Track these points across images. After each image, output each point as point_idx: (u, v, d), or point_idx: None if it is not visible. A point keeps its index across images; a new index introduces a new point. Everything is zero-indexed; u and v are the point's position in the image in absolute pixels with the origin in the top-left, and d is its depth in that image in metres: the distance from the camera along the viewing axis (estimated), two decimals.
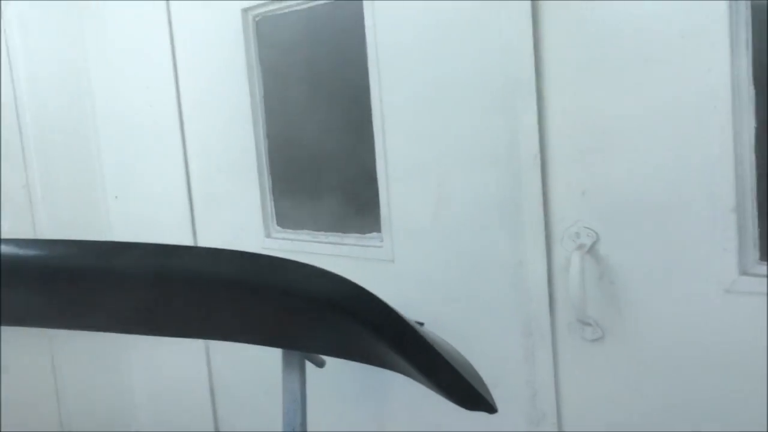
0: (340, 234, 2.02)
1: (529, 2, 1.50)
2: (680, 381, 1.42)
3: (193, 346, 2.48)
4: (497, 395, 1.69)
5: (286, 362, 0.90)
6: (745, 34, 1.28)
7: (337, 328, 0.77)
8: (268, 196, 2.20)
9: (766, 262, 1.30)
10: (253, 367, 2.34)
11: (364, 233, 1.96)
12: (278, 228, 2.20)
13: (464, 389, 0.76)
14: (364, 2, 1.81)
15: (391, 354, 0.74)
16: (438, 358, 0.73)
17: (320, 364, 0.99)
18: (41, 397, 2.60)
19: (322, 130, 2.08)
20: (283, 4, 2.03)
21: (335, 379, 1.95)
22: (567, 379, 1.59)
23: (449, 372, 0.74)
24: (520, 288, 1.62)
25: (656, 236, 1.41)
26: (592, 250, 1.50)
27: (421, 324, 0.95)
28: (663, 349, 1.43)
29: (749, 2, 1.27)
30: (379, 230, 1.91)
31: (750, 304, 1.30)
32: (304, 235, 2.12)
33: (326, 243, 2.04)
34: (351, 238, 2.00)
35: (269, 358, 1.57)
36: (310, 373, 1.23)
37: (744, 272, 1.31)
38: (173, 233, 2.47)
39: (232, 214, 2.29)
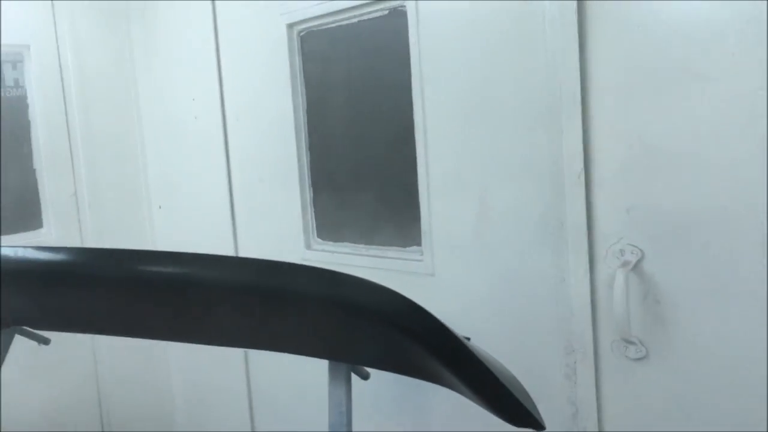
0: (380, 247, 2.04)
1: (575, 18, 1.50)
2: (725, 402, 1.39)
3: (232, 351, 2.51)
4: (540, 413, 1.69)
5: (333, 374, 0.91)
6: None
7: (389, 341, 0.78)
8: (309, 208, 2.23)
9: None
10: (291, 373, 2.36)
11: (405, 247, 1.97)
12: (318, 240, 2.22)
13: (513, 406, 0.76)
14: (409, 18, 1.83)
15: (440, 369, 0.75)
16: (488, 374, 0.73)
17: (365, 377, 1.00)
18: (83, 399, 2.65)
19: (363, 143, 2.10)
20: (329, 19, 2.06)
21: (377, 391, 1.96)
22: (609, 397, 1.57)
23: (498, 388, 0.75)
24: (562, 304, 1.61)
25: (702, 255, 1.39)
26: (636, 268, 1.48)
27: (468, 339, 0.95)
28: (708, 370, 1.41)
29: None
30: (419, 244, 1.91)
31: None
32: (344, 247, 2.14)
33: (366, 255, 2.06)
34: (391, 251, 2.01)
35: (306, 365, 1.58)
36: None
37: None
38: (215, 242, 2.51)
39: (273, 224, 2.32)
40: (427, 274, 1.89)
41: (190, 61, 2.51)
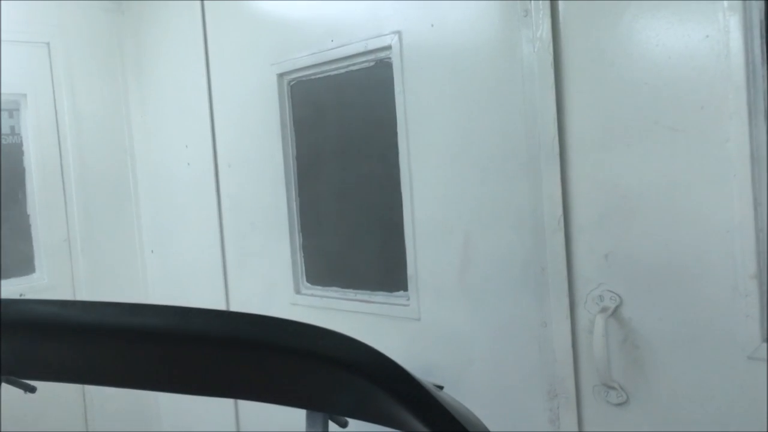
0: (367, 292, 2.06)
1: (552, 71, 1.56)
2: None
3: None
4: None
5: (310, 422, 0.93)
6: (763, 105, 1.31)
7: (360, 392, 0.81)
8: (299, 253, 2.26)
9: None
10: (280, 417, 2.35)
11: (392, 291, 2.00)
12: (308, 284, 2.25)
13: None
14: (394, 69, 1.89)
15: (409, 418, 0.77)
16: (453, 422, 0.76)
17: (343, 425, 1.02)
18: None
19: (351, 190, 2.15)
20: (318, 69, 2.12)
21: None
22: None
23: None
24: (544, 349, 1.64)
25: (679, 301, 1.42)
26: (615, 313, 1.51)
27: (441, 387, 0.98)
28: (688, 414, 1.43)
29: (766, 75, 1.31)
30: (406, 289, 1.94)
31: None
32: (332, 291, 2.16)
33: (354, 300, 2.08)
34: (379, 296, 2.03)
35: (295, 412, 1.59)
36: None
37: (767, 339, 1.31)
38: (206, 287, 2.54)
39: (264, 270, 2.35)
40: (413, 319, 1.91)
41: (183, 109, 2.57)
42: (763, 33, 1.31)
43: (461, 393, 1.79)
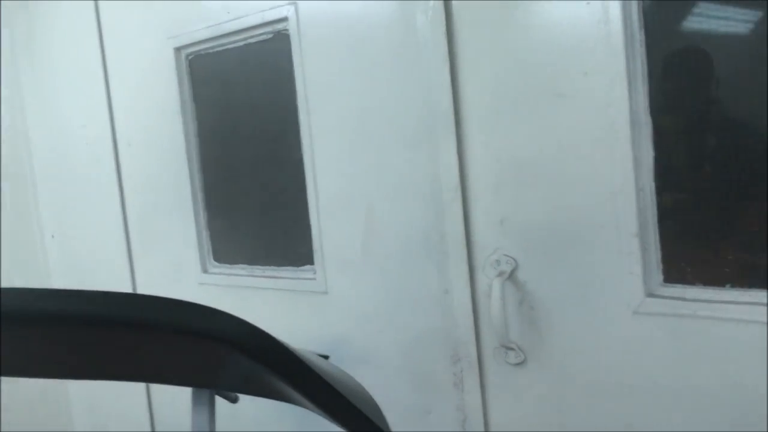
0: (275, 267, 2.05)
1: (445, 41, 1.57)
2: (598, 400, 1.47)
3: (133, 383, 2.45)
4: (431, 422, 1.74)
5: (195, 399, 0.92)
6: (641, 70, 1.36)
7: (241, 366, 0.80)
8: (204, 232, 2.22)
9: (669, 284, 1.37)
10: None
11: (299, 266, 1.99)
12: (215, 263, 2.21)
13: (357, 418, 0.79)
14: (292, 41, 1.86)
15: (288, 388, 0.77)
16: (330, 390, 0.76)
17: (233, 400, 1.01)
18: None
19: (255, 165, 2.12)
20: (215, 42, 2.07)
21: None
22: (494, 402, 1.63)
23: (343, 403, 0.78)
24: (447, 315, 1.67)
25: (569, 262, 1.47)
26: (512, 277, 1.55)
27: (326, 357, 0.98)
28: (580, 370, 1.49)
29: (644, 40, 1.36)
30: (312, 263, 1.94)
31: (656, 325, 1.37)
32: (239, 269, 2.14)
33: (262, 277, 2.06)
34: (286, 271, 2.02)
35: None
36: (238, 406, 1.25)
37: (650, 294, 1.38)
38: (111, 270, 2.46)
39: (169, 250, 2.29)
40: (320, 293, 1.91)
41: (78, 87, 2.46)
42: None
43: (370, 363, 1.82)
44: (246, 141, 2.13)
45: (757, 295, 1.27)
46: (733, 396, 1.30)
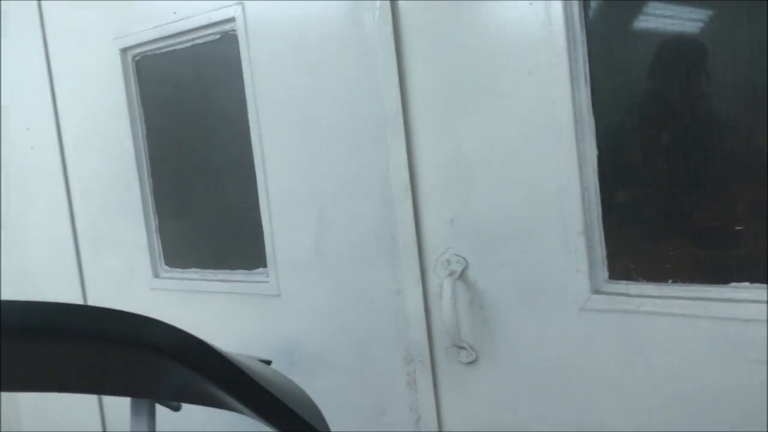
0: (227, 271, 2.02)
1: (393, 41, 1.56)
2: (548, 396, 1.49)
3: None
4: (385, 422, 1.73)
5: (134, 409, 0.90)
6: (583, 69, 1.38)
7: (178, 375, 0.78)
8: (156, 236, 2.18)
9: (614, 281, 1.39)
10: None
11: (251, 269, 1.97)
12: (167, 268, 2.18)
13: (295, 423, 0.78)
14: (240, 41, 1.84)
15: (224, 395, 0.76)
16: (264, 394, 0.75)
17: (175, 408, 0.99)
18: None
19: (206, 168, 2.09)
20: (162, 44, 2.03)
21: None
22: (447, 401, 1.64)
23: (278, 407, 0.77)
24: (400, 316, 1.67)
25: (518, 260, 1.48)
26: (462, 276, 1.56)
27: (268, 362, 0.97)
28: (531, 367, 1.50)
29: (585, 39, 1.37)
30: (265, 265, 1.92)
31: (602, 321, 1.39)
32: (192, 273, 2.10)
33: (214, 280, 2.04)
34: (239, 275, 2.00)
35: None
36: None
37: (596, 291, 1.40)
38: (60, 277, 2.40)
39: (120, 255, 2.25)
40: (273, 296, 1.89)
41: (22, 90, 2.40)
42: None
43: (323, 364, 1.81)
44: (196, 143, 2.09)
45: (698, 289, 1.30)
46: (676, 389, 1.33)
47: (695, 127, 1.32)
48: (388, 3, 1.57)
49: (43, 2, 2.29)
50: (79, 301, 2.35)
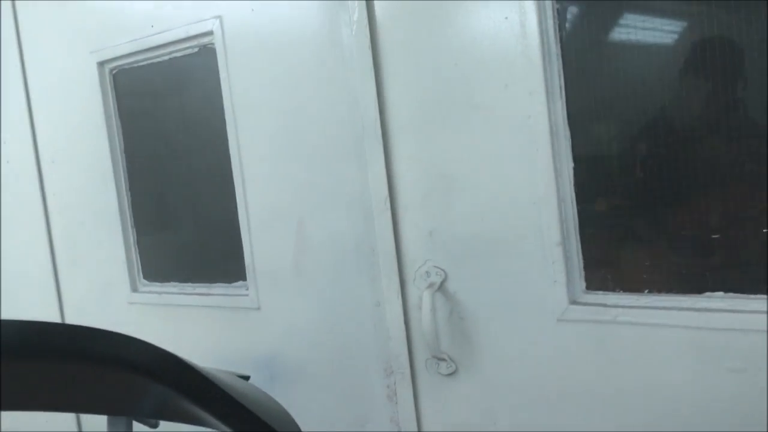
0: (207, 284, 2.01)
1: (370, 52, 1.57)
2: (527, 406, 1.49)
3: None
4: None
5: (111, 427, 0.89)
6: (558, 82, 1.39)
7: (155, 392, 0.78)
8: (134, 250, 2.16)
9: (591, 292, 1.40)
10: None
11: (231, 282, 1.96)
12: (145, 282, 2.16)
13: None
14: (218, 54, 1.84)
15: (201, 411, 0.76)
16: (240, 408, 0.75)
17: (153, 426, 0.99)
18: None
19: (185, 181, 2.08)
20: (140, 57, 2.03)
21: None
22: (427, 413, 1.64)
23: (254, 421, 0.77)
24: (379, 328, 1.67)
25: (496, 272, 1.49)
26: (441, 288, 1.56)
27: (247, 378, 0.97)
28: (509, 378, 1.51)
29: (560, 53, 1.39)
30: (245, 278, 1.91)
31: (580, 331, 1.40)
32: (170, 287, 2.09)
33: (193, 294, 2.02)
34: (218, 288, 1.99)
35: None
36: None
37: (573, 301, 1.41)
38: (37, 293, 2.38)
39: (98, 270, 2.23)
40: (253, 309, 1.89)
41: None
42: (555, 13, 1.38)
43: (304, 377, 1.81)
44: (175, 156, 2.09)
45: (674, 299, 1.32)
46: (653, 397, 1.34)
47: (669, 137, 1.34)
48: (366, 17, 1.57)
49: (19, 15, 2.28)
50: (56, 316, 2.33)
